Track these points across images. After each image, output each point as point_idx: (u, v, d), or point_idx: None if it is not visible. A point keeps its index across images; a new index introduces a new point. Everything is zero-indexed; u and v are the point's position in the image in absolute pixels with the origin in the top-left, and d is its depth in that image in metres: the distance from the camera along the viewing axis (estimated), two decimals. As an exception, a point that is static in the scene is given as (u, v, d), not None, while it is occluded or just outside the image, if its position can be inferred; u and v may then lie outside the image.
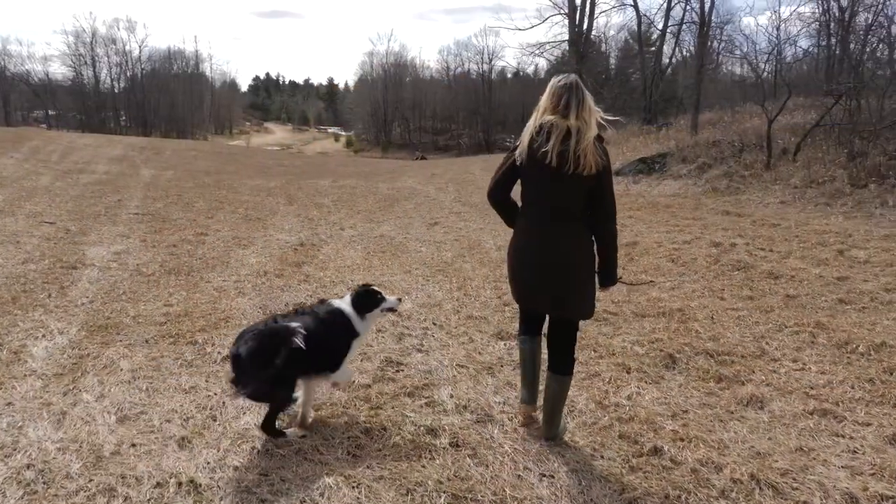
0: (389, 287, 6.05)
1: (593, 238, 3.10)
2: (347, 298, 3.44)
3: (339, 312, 3.36)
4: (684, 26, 28.03)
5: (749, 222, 9.54)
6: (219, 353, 4.24)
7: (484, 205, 12.80)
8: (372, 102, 71.68)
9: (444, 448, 3.13)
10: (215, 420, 3.38)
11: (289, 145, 68.34)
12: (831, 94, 13.08)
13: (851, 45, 24.24)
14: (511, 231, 3.32)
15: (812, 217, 9.90)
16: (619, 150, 21.60)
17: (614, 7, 25.58)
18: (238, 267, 6.88)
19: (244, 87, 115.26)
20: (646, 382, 3.93)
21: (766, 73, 34.50)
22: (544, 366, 3.33)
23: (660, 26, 26.86)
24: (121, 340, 4.47)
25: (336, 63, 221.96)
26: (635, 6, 27.20)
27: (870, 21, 23.46)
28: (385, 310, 3.51)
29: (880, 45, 23.30)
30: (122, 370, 3.96)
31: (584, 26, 19.26)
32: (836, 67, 23.85)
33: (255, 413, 3.40)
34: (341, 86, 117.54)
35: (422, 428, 3.31)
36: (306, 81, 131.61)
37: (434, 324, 5.04)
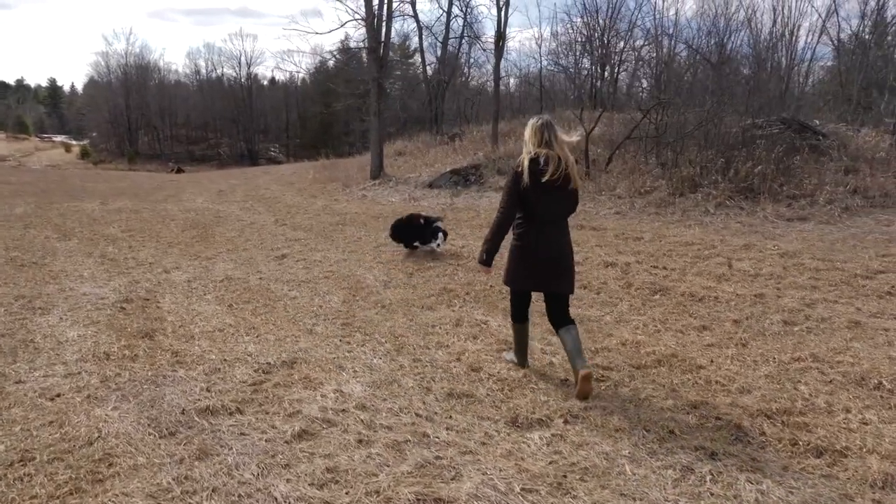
0: (315, 362, 4.50)
1: None
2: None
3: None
4: (455, 39, 28.84)
5: (612, 236, 9.49)
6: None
7: (320, 228, 11.27)
8: (110, 108, 62.85)
9: None
10: None
11: (4, 157, 56.93)
12: (640, 109, 13.95)
13: (607, 67, 27.03)
14: (486, 241, 4.17)
15: (661, 227, 10.21)
16: (419, 161, 21.24)
17: (395, 16, 25.17)
18: (56, 349, 4.70)
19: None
20: (749, 472, 3.11)
21: (513, 88, 37.10)
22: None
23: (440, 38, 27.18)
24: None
25: (59, 62, 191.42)
26: (415, 17, 27.26)
27: (622, 48, 26.39)
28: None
29: (625, 65, 26.29)
30: None
31: (383, 34, 18.39)
32: (598, 85, 26.37)
33: None
34: (67, 88, 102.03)
35: None
36: (20, 82, 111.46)
37: (418, 415, 3.70)
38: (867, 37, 28.85)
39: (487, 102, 39.47)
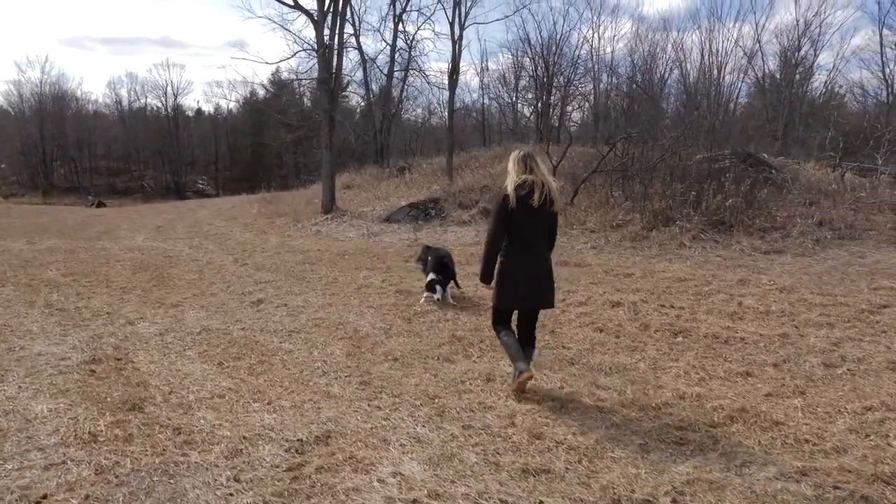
0: (352, 436, 3.83)
1: None
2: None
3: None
4: (400, 72, 28.63)
5: (602, 272, 9.19)
6: None
7: (287, 268, 10.48)
8: (23, 138, 58.92)
9: None
10: None
11: None
12: (607, 143, 13.94)
13: (551, 102, 27.39)
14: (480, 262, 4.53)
15: (643, 262, 10.00)
16: (370, 195, 20.65)
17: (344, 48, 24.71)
18: (25, 430, 3.84)
19: None
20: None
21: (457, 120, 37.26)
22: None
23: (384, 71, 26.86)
24: None
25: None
26: (359, 48, 26.90)
27: (565, 82, 26.82)
28: None
29: (570, 100, 26.72)
30: None
31: (334, 65, 17.85)
32: (543, 120, 26.66)
33: None
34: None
35: None
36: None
37: (503, 502, 3.11)
38: (785, 76, 30.60)
39: (428, 134, 39.45)
